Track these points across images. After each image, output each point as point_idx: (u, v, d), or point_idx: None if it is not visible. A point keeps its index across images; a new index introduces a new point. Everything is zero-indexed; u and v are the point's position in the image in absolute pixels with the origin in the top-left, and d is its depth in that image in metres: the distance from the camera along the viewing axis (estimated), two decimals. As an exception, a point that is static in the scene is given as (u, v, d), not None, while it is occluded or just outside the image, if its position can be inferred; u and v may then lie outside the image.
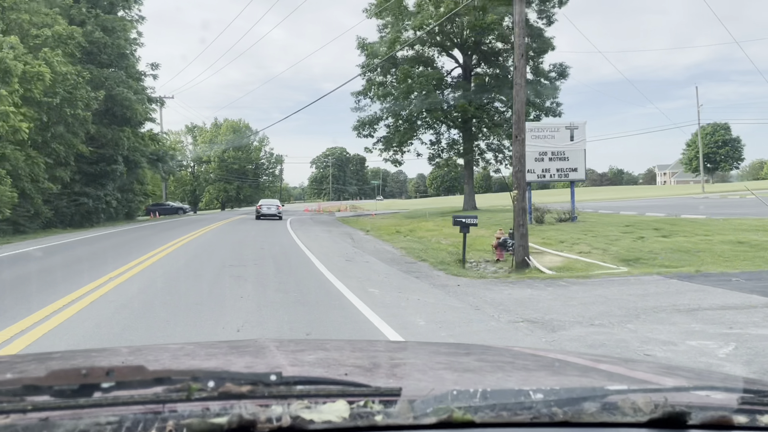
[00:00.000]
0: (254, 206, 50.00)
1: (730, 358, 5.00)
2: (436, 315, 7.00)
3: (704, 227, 16.23)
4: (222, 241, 17.83)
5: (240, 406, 0.89)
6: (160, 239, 18.27)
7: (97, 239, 20.15)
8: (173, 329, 5.98)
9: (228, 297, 7.89)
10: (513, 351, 1.87)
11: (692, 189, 66.37)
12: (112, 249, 16.10)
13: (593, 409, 0.95)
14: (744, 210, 24.22)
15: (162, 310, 7.02)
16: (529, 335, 5.96)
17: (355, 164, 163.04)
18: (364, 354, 1.65)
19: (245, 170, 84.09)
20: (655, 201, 41.58)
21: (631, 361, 2.11)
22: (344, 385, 1.01)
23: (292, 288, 8.75)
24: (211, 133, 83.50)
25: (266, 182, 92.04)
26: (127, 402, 0.90)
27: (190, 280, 9.73)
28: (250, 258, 12.80)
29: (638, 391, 1.03)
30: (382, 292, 8.61)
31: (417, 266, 11.96)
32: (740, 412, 0.99)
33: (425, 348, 1.96)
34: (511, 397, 0.97)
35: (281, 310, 7.04)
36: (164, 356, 1.54)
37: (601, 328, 6.21)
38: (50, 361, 1.48)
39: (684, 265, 10.57)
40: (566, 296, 8.13)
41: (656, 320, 6.49)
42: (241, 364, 1.46)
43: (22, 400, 0.87)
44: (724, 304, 7.25)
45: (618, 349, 5.36)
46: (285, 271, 10.82)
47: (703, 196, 46.09)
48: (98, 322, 6.30)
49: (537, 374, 1.45)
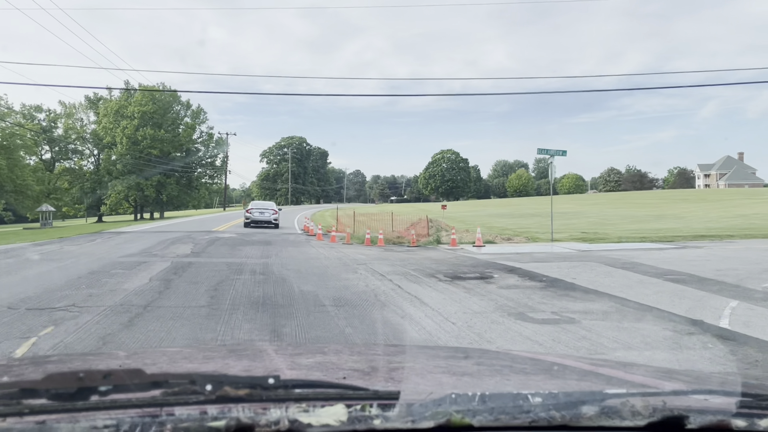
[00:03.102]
0: (185, 218, 41.26)
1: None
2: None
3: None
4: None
5: (238, 410, 0.88)
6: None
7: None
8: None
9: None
10: (511, 355, 1.86)
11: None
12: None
13: (592, 412, 0.95)
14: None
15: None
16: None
17: (316, 159, 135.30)
18: (363, 358, 1.64)
19: (171, 159, 59.07)
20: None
21: (629, 365, 2.11)
22: (342, 388, 1.01)
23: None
24: (117, 103, 57.09)
25: (202, 175, 66.27)
26: (125, 405, 0.89)
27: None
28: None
29: (637, 395, 1.03)
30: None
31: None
32: (739, 416, 0.99)
33: (423, 352, 1.96)
34: (510, 401, 0.97)
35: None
36: (162, 360, 1.53)
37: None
38: (47, 364, 1.47)
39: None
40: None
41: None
42: (239, 368, 1.45)
43: (19, 404, 0.87)
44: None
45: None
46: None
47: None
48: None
49: (535, 378, 1.44)
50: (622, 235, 20.77)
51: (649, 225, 26.82)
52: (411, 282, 10.00)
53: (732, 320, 6.78)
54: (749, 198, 52.19)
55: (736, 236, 19.83)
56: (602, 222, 29.80)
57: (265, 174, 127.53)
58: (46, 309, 7.14)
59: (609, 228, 25.33)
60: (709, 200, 51.77)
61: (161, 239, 20.13)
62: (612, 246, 17.15)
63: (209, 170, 67.72)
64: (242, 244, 18.01)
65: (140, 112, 55.63)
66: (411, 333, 6.27)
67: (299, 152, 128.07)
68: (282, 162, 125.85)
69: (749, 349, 5.56)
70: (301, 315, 7.05)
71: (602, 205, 52.50)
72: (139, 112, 55.63)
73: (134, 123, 55.53)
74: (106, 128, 56.35)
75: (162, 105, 57.86)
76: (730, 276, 10.31)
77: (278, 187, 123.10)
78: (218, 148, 67.87)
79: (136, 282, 9.52)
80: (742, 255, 14.06)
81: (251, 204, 31.59)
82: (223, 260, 13.13)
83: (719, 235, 20.12)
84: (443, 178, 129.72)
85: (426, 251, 16.56)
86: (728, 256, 13.71)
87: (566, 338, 6.00)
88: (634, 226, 26.58)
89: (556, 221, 22.28)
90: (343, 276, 10.69)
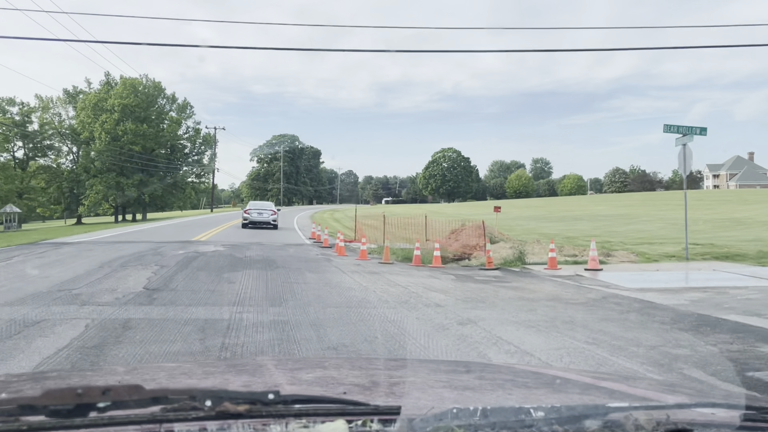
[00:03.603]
0: (167, 221, 39.63)
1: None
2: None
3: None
4: None
5: (238, 426, 0.88)
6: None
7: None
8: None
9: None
10: (513, 368, 1.84)
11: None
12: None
13: (594, 427, 0.94)
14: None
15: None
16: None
17: (309, 158, 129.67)
18: (363, 372, 1.64)
19: (154, 156, 55.07)
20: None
21: (632, 379, 2.03)
22: (343, 403, 1.01)
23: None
24: (96, 95, 53.08)
25: (188, 174, 61.63)
26: (123, 422, 0.89)
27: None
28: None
29: (640, 408, 1.02)
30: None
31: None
32: (743, 429, 0.98)
33: (425, 366, 1.94)
34: (512, 415, 0.96)
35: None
36: (161, 375, 1.54)
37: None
38: (45, 380, 1.49)
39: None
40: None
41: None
42: (238, 383, 1.46)
43: (17, 420, 0.87)
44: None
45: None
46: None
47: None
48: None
49: (537, 392, 1.43)
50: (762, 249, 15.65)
51: (755, 231, 21.22)
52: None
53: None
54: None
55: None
56: (679, 227, 20.69)
57: (255, 173, 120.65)
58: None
59: (706, 236, 20.07)
60: (752, 202, 45.50)
61: (113, 257, 13.87)
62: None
63: (196, 168, 62.90)
64: (232, 268, 12.06)
65: (121, 105, 51.21)
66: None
67: (291, 151, 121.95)
68: (273, 161, 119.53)
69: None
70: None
71: (636, 206, 45.03)
72: (119, 104, 51.24)
73: (114, 117, 51.14)
74: (83, 122, 51.86)
75: (145, 98, 53.73)
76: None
77: (269, 187, 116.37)
78: (206, 145, 62.99)
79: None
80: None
81: (249, 204, 31.02)
82: (194, 315, 7.08)
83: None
84: (444, 178, 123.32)
85: (524, 280, 11.48)
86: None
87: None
88: (734, 233, 21.49)
89: (611, 227, 18.03)
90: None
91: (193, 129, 60.49)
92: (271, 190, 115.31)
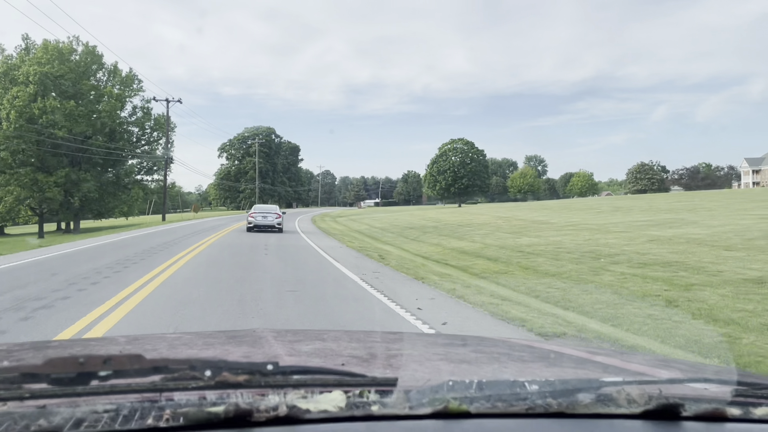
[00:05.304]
0: (87, 241, 26.04)
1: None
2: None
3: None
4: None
5: (236, 396, 0.89)
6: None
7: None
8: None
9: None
10: (509, 342, 1.88)
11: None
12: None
13: (588, 400, 0.95)
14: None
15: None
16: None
17: (287, 154, 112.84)
18: (361, 344, 1.65)
19: (89, 146, 40.61)
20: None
21: (626, 353, 2.13)
22: (341, 375, 1.01)
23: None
24: (5, 63, 39.81)
25: (134, 170, 46.35)
26: (124, 390, 0.90)
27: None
28: None
29: (633, 383, 1.04)
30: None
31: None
32: (734, 405, 1.00)
33: (422, 339, 1.97)
34: (507, 388, 0.98)
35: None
36: (162, 345, 1.54)
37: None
38: (48, 349, 1.49)
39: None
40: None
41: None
42: (238, 354, 1.47)
43: (19, 388, 0.88)
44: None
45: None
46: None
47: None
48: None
49: (532, 366, 1.45)
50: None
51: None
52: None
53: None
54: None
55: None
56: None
57: (225, 172, 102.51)
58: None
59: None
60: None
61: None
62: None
63: (146, 162, 47.14)
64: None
65: (39, 74, 37.57)
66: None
67: (267, 145, 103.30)
68: (246, 157, 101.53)
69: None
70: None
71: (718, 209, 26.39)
72: (37, 73, 37.54)
73: (29, 90, 37.45)
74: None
75: (74, 67, 40.25)
76: None
77: (242, 187, 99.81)
78: (159, 131, 47.33)
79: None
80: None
81: (253, 208, 29.67)
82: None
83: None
84: (456, 174, 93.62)
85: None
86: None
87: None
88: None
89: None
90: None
91: (141, 109, 45.77)
92: (244, 191, 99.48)
